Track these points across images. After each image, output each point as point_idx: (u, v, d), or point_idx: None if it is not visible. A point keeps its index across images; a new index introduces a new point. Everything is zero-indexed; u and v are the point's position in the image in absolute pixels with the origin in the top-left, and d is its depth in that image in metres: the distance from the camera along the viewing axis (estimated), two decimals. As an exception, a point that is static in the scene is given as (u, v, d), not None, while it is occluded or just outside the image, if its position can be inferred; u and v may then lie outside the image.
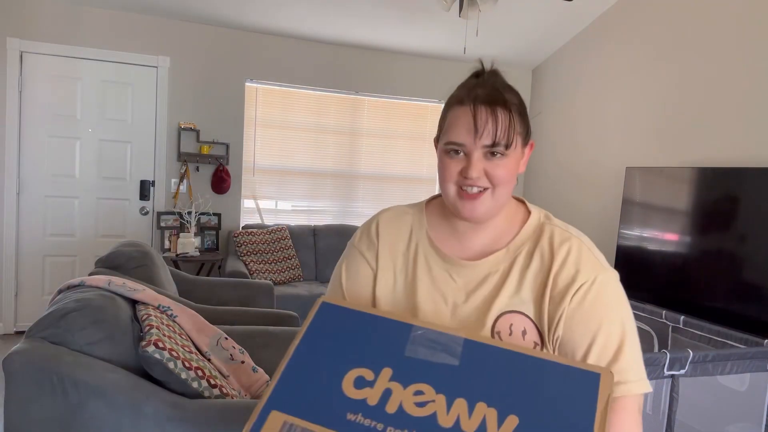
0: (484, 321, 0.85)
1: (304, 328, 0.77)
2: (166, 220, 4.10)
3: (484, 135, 0.82)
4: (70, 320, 1.52)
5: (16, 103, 3.81)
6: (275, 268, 4.11)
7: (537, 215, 0.92)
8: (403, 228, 0.96)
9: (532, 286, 0.85)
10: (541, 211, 0.93)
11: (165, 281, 2.51)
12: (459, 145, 0.84)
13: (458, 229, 0.92)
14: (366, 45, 4.57)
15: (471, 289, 0.88)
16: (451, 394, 0.67)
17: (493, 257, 0.89)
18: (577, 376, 0.68)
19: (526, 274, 0.86)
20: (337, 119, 4.68)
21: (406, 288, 0.92)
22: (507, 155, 0.84)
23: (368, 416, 0.66)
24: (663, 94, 3.64)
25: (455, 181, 0.86)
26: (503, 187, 0.85)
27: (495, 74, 0.88)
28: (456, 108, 0.86)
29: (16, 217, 3.89)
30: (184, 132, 4.19)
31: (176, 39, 4.16)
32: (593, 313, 0.81)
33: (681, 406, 1.96)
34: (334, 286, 0.98)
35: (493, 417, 0.65)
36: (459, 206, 0.86)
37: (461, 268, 0.90)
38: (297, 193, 4.66)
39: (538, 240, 0.89)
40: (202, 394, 1.58)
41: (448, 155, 0.86)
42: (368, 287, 0.94)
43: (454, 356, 0.71)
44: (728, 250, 2.90)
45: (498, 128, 0.82)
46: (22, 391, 1.38)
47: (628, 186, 3.59)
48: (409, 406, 0.67)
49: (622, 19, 4.01)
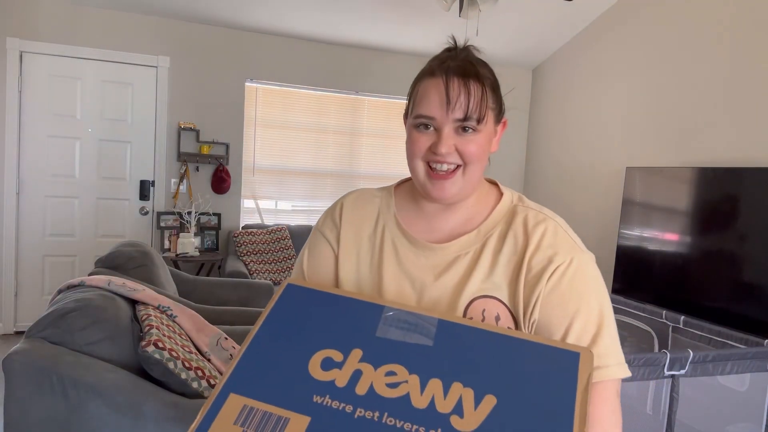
0: (455, 306, 0.81)
1: (267, 310, 0.74)
2: (165, 220, 4.10)
3: (456, 108, 0.79)
4: (70, 320, 1.52)
5: (16, 103, 3.81)
6: (275, 268, 4.11)
7: (509, 197, 0.90)
8: (369, 211, 0.92)
9: (505, 270, 0.82)
10: (514, 193, 0.91)
11: (165, 281, 2.51)
12: (429, 119, 0.80)
13: (427, 211, 0.89)
14: (366, 45, 4.57)
15: (439, 272, 0.84)
16: (425, 375, 0.65)
17: (463, 239, 0.86)
18: (555, 356, 0.66)
19: (499, 258, 0.83)
20: (337, 119, 4.68)
21: (371, 271, 0.88)
22: (479, 131, 0.80)
23: (336, 398, 0.63)
24: (663, 94, 3.64)
25: (423, 157, 0.82)
26: (475, 165, 0.81)
27: (467, 49, 0.86)
28: (427, 80, 0.82)
29: (16, 217, 3.89)
30: (184, 132, 4.18)
31: (176, 39, 4.16)
32: (570, 295, 0.78)
33: (681, 406, 1.96)
34: (296, 269, 0.95)
35: (469, 397, 0.62)
36: (428, 186, 0.82)
37: (429, 250, 0.86)
38: (297, 193, 4.66)
39: (511, 222, 0.85)
40: (202, 394, 1.58)
41: (417, 129, 0.82)
42: (330, 269, 0.91)
43: (428, 337, 0.69)
44: (728, 250, 2.90)
45: (471, 101, 0.79)
46: (22, 391, 1.38)
47: (628, 186, 3.59)
48: (380, 387, 0.64)
49: (622, 19, 4.01)
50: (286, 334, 0.70)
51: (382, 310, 0.73)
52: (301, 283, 0.78)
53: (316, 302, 0.75)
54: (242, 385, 0.65)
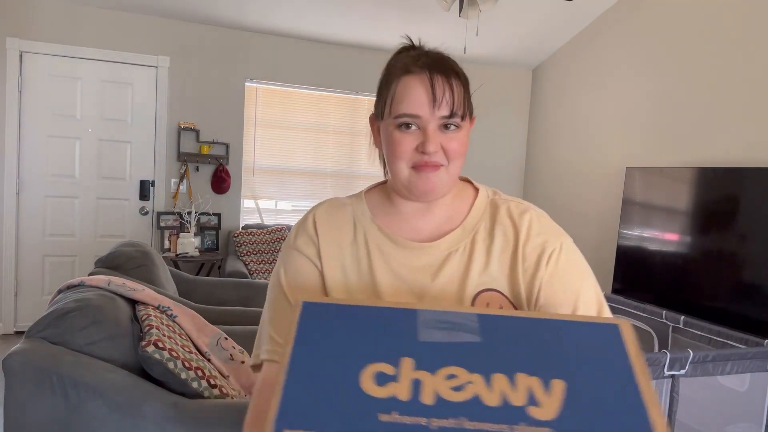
0: (461, 303, 0.82)
1: (292, 335, 0.69)
2: (165, 220, 4.10)
3: (442, 105, 0.78)
4: (70, 320, 1.52)
5: (16, 103, 3.81)
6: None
7: (485, 192, 0.91)
8: (344, 220, 0.89)
9: (500, 262, 0.83)
10: (488, 188, 0.92)
11: (165, 281, 2.51)
12: (414, 117, 0.78)
13: (405, 212, 0.88)
14: (366, 45, 4.57)
15: (434, 272, 0.84)
16: (487, 371, 0.62)
17: (451, 236, 0.85)
18: (598, 331, 0.66)
19: (492, 251, 0.84)
20: (337, 119, 4.68)
21: (362, 279, 0.85)
22: (461, 128, 0.80)
23: (405, 413, 0.58)
24: (663, 94, 3.64)
25: (409, 159, 0.80)
26: (457, 162, 0.81)
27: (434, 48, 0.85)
28: (406, 78, 0.80)
29: (15, 217, 3.89)
30: (183, 132, 4.18)
31: (176, 39, 4.16)
32: (569, 276, 0.82)
33: (681, 406, 1.96)
34: (273, 292, 0.87)
35: (538, 385, 0.60)
36: (414, 181, 0.80)
37: (419, 251, 0.85)
38: (297, 193, 4.66)
39: (495, 216, 0.86)
40: (202, 394, 1.58)
41: (399, 130, 0.79)
42: (314, 285, 0.86)
43: (474, 333, 0.66)
44: (728, 250, 2.90)
45: (455, 98, 0.78)
46: (22, 391, 1.38)
47: (628, 186, 3.59)
48: (446, 392, 0.60)
49: (622, 19, 4.01)
50: (324, 356, 0.65)
51: (416, 314, 0.69)
52: (318, 299, 0.72)
53: (342, 316, 0.69)
54: (296, 419, 0.59)
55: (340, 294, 0.85)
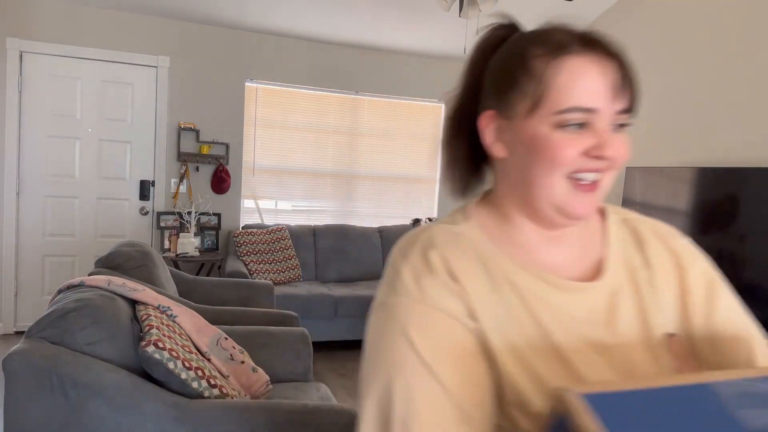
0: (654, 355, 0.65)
1: None
2: (165, 220, 4.10)
3: (621, 96, 0.61)
4: (70, 320, 1.52)
5: (16, 103, 3.81)
6: (275, 268, 4.11)
7: (612, 210, 0.74)
8: (468, 253, 0.65)
9: (672, 298, 0.68)
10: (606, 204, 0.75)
11: (165, 281, 2.51)
12: (588, 112, 0.60)
13: (531, 240, 0.67)
14: (366, 45, 4.57)
15: (607, 318, 0.65)
16: None
17: (608, 272, 0.67)
18: None
19: (655, 284, 0.68)
20: (337, 119, 4.68)
21: (530, 339, 0.61)
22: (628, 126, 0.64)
23: None
24: (663, 94, 3.64)
25: (574, 167, 0.61)
26: (616, 172, 0.64)
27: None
28: (569, 59, 0.61)
29: (15, 217, 3.89)
30: (183, 132, 4.19)
31: (176, 39, 4.16)
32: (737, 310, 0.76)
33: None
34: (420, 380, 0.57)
35: None
36: (570, 201, 0.62)
37: (580, 293, 0.65)
38: (297, 193, 4.66)
39: (641, 240, 0.71)
40: (202, 394, 1.58)
41: (563, 129, 0.60)
42: (471, 354, 0.60)
43: None
44: (728, 250, 2.90)
45: (633, 86, 0.62)
46: (22, 391, 1.38)
47: (628, 186, 3.59)
48: None
49: (622, 19, 4.01)
50: None
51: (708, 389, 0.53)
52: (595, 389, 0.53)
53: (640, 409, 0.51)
54: None
55: (509, 360, 0.61)
